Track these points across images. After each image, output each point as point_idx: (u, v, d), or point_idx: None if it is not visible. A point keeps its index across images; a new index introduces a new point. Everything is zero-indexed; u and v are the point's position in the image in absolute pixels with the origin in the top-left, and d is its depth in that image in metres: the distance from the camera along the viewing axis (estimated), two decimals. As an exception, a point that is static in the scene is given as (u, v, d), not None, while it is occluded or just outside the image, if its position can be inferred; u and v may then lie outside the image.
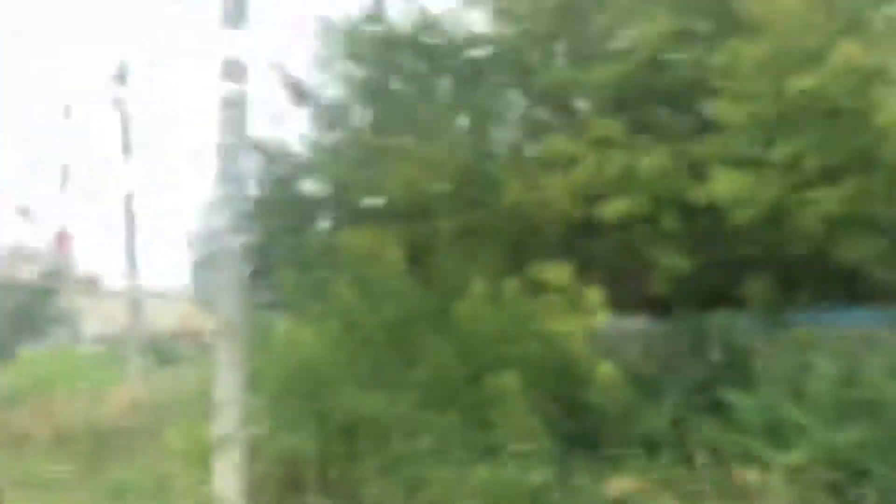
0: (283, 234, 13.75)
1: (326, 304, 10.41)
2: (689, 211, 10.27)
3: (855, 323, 10.12)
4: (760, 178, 9.17)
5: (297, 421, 9.29)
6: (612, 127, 10.54)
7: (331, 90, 13.70)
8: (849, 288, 10.43)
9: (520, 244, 11.29)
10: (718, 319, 10.54)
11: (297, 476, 9.35)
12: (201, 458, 8.48)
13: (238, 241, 6.83)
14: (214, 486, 7.39)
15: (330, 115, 13.31)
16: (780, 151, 9.18)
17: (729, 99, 9.57)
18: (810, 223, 9.14)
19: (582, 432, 9.78)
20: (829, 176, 9.14)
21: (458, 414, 9.34)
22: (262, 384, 9.69)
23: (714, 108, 9.88)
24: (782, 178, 9.16)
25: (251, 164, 12.91)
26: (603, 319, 10.12)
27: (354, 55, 13.01)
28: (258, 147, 13.66)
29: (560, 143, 10.88)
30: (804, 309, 10.42)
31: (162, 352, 22.38)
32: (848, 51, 8.76)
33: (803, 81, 8.82)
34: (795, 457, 8.50)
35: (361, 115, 13.16)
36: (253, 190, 13.21)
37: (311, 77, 13.58)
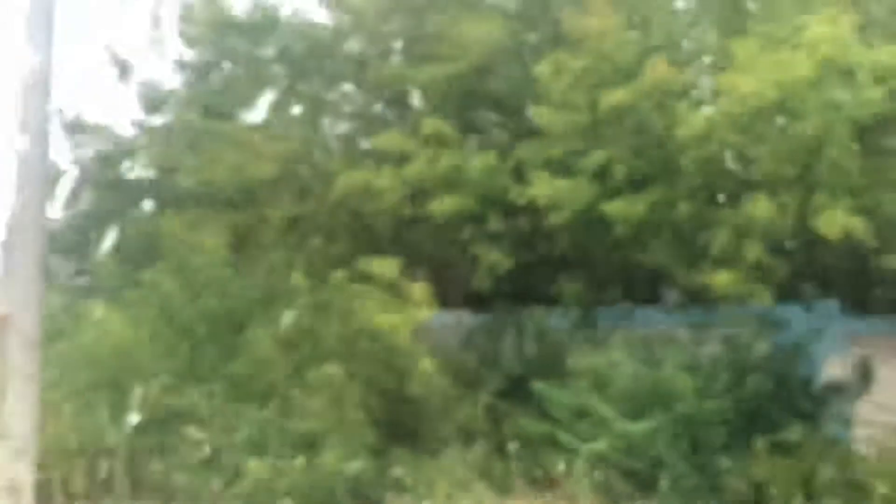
0: (103, 217, 13.07)
1: (144, 291, 10.00)
2: (511, 211, 10.70)
3: (656, 322, 10.90)
4: (574, 184, 9.68)
5: (106, 413, 8.86)
6: (443, 126, 10.76)
7: (160, 71, 13.18)
8: (652, 289, 11.23)
9: (349, 237, 11.33)
10: (535, 315, 11.03)
11: (104, 471, 8.93)
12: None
13: (36, 225, 6.37)
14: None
15: (158, 96, 12.78)
16: (593, 159, 9.75)
17: (549, 107, 10.05)
18: (619, 227, 9.75)
19: (403, 424, 9.97)
20: (636, 184, 9.80)
21: (279, 406, 9.25)
22: (68, 373, 9.17)
23: (537, 115, 10.32)
24: (594, 184, 9.71)
25: (62, 144, 12.24)
26: (428, 313, 10.31)
27: (186, 37, 12.58)
28: (79, 126, 12.94)
29: (392, 139, 10.99)
30: (612, 307, 11.12)
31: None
32: (657, 69, 9.45)
33: (615, 95, 9.43)
34: (598, 446, 9.06)
35: (191, 98, 12.71)
36: (70, 170, 12.53)
37: (141, 57, 13.03)
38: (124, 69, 12.74)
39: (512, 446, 9.48)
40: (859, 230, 8.33)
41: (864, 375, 9.69)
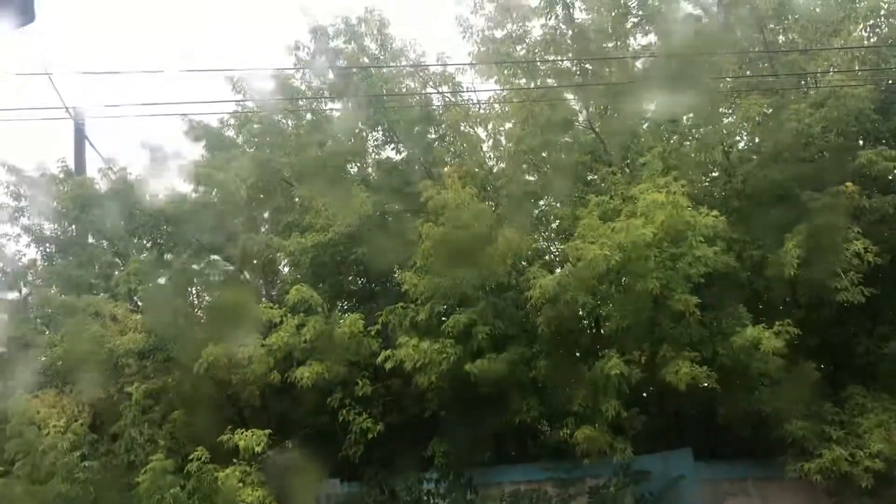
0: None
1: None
2: (379, 374, 10.77)
3: (526, 478, 10.97)
4: (439, 345, 9.90)
5: None
6: (310, 293, 10.88)
7: (15, 245, 12.91)
8: (521, 445, 11.36)
9: (214, 408, 10.98)
10: (407, 480, 10.86)
11: None
12: None
13: None
14: None
15: (13, 271, 12.43)
16: (456, 321, 10.06)
17: (414, 272, 10.43)
18: (483, 386, 9.97)
19: None
20: (497, 344, 10.15)
21: None
22: None
23: (401, 279, 10.63)
24: (458, 345, 9.97)
25: None
26: (296, 485, 9.97)
27: (47, 211, 12.47)
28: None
29: (260, 307, 10.97)
30: (483, 467, 11.12)
31: None
32: (508, 236, 10.09)
33: (471, 260, 9.92)
34: None
35: (50, 272, 12.42)
36: None
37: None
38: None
39: None
40: (702, 378, 8.87)
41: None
